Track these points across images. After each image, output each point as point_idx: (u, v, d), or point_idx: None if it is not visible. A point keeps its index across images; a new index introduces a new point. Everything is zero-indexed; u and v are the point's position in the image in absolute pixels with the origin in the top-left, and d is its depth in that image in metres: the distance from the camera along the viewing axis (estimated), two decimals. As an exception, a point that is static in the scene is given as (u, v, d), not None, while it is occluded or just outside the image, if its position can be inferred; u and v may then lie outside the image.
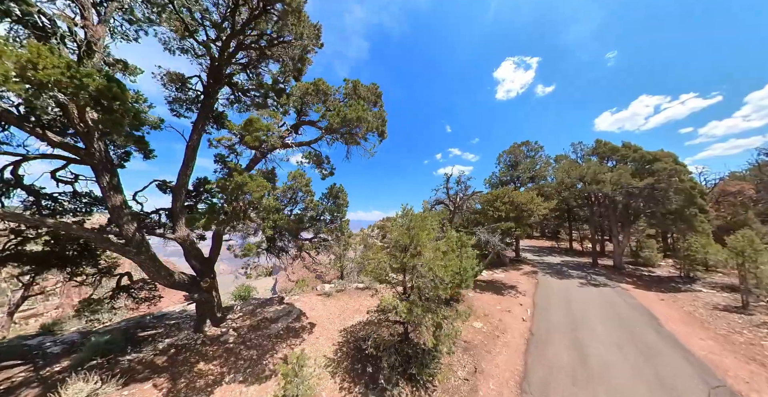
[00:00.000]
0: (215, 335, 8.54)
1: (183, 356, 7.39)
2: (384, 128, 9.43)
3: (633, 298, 12.51)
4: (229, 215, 6.53)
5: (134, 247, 6.46)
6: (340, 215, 10.41)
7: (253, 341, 8.40)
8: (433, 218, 7.91)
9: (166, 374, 6.60)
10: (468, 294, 14.17)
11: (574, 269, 18.21)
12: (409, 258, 7.23)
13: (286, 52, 8.43)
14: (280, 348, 8.10)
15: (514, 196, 15.51)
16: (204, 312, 8.87)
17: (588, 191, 17.66)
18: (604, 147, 18.18)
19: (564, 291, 13.94)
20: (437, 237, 9.21)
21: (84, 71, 4.09)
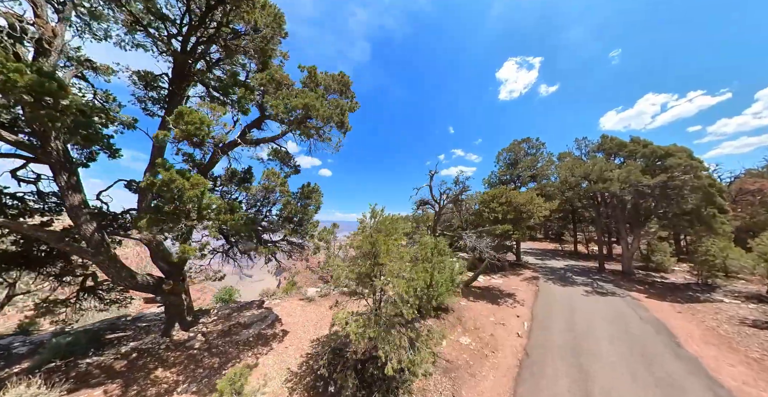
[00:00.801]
0: (182, 340, 8.23)
1: (143, 361, 7.11)
2: (343, 118, 8.41)
3: (646, 310, 11.13)
4: (168, 215, 6.01)
5: (92, 247, 6.31)
6: (307, 217, 9.39)
7: (219, 347, 8.02)
8: (405, 222, 6.82)
9: (121, 379, 6.36)
10: (459, 303, 12.94)
11: (579, 275, 16.81)
12: (368, 268, 6.19)
13: (251, 44, 7.82)
14: (245, 357, 7.60)
15: (511, 197, 14.21)
16: (173, 315, 8.55)
17: (594, 190, 16.28)
18: (610, 143, 16.78)
19: (567, 300, 12.60)
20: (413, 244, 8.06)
21: (12, 66, 4.02)
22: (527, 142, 19.35)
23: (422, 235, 8.38)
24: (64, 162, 6.09)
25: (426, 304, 6.87)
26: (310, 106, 7.38)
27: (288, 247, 10.61)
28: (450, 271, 8.09)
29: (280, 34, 8.44)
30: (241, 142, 9.29)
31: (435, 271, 7.17)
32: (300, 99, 7.28)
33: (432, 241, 8.02)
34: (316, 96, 7.65)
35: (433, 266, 7.25)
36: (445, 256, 8.36)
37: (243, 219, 7.77)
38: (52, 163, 5.98)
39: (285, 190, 10.20)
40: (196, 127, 5.90)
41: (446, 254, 8.36)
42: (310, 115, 7.65)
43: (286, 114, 7.52)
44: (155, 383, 6.34)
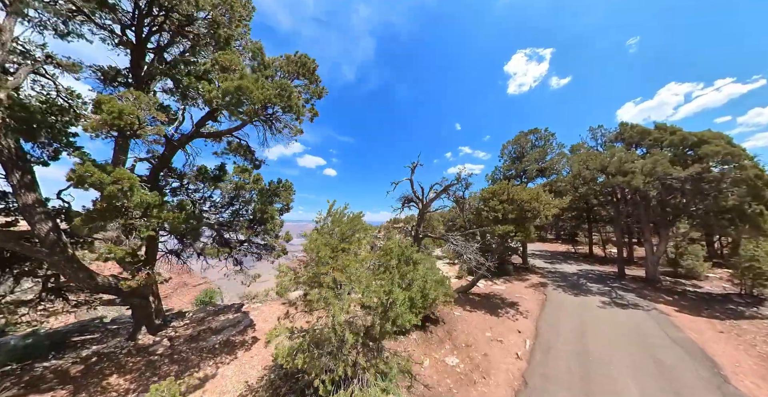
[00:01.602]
0: (146, 345, 8.02)
1: (101, 366, 6.94)
2: (290, 102, 7.28)
3: (677, 328, 9.20)
4: (98, 213, 5.75)
5: (47, 247, 6.19)
6: (268, 216, 8.22)
7: (182, 354, 7.73)
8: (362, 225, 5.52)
9: (72, 385, 6.21)
10: (453, 313, 11.40)
11: (595, 282, 14.80)
12: (310, 277, 5.32)
13: (204, 30, 7.36)
14: (205, 366, 7.27)
15: (513, 193, 12.48)
16: (140, 319, 8.36)
17: (612, 185, 14.24)
18: (631, 131, 14.67)
19: (579, 313, 10.79)
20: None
21: None
22: (535, 133, 17.40)
23: (389, 238, 6.94)
24: (15, 160, 5.91)
25: (379, 327, 5.46)
26: (243, 89, 6.33)
27: (255, 248, 9.78)
28: (424, 283, 6.63)
29: (238, 17, 7.55)
30: (196, 136, 8.33)
31: (395, 286, 5.71)
32: (231, 82, 6.29)
33: (397, 246, 6.57)
34: (255, 78, 6.76)
35: (393, 280, 5.80)
36: (417, 265, 6.88)
37: (183, 217, 6.82)
38: (3, 162, 5.80)
39: (258, 187, 9.26)
40: (115, 116, 5.32)
41: (418, 261, 6.89)
42: (244, 99, 6.51)
43: (220, 99, 6.47)
44: (105, 391, 6.14)
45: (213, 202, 9.55)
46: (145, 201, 6.07)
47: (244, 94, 6.32)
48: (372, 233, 8.44)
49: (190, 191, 9.22)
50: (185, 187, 9.09)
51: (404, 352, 8.99)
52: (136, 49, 7.22)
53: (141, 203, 5.98)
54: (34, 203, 6.13)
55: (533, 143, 17.44)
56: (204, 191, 9.43)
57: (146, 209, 6.18)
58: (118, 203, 5.64)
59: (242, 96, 6.37)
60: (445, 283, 10.53)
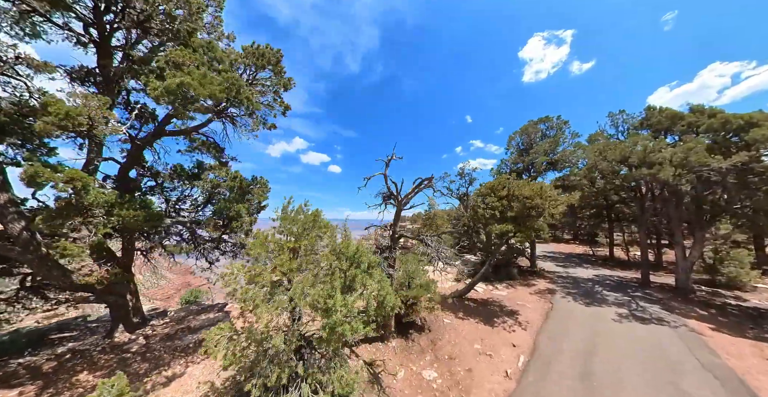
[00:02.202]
0: (121, 343, 8.07)
1: (73, 362, 7.01)
2: (242, 97, 6.68)
3: (711, 352, 7.53)
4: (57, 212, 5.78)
5: (20, 246, 6.24)
6: (234, 214, 7.67)
7: (155, 352, 7.70)
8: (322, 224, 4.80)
9: (42, 381, 6.30)
10: (443, 320, 10.31)
11: (613, 289, 12.98)
12: (250, 277, 4.78)
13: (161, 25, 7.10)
14: (176, 364, 7.20)
15: (514, 188, 11.08)
16: (117, 317, 8.39)
17: (635, 179, 12.35)
18: (659, 115, 12.61)
19: (590, 327, 9.30)
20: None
21: None
22: (545, 121, 15.56)
23: (346, 236, 6.02)
24: (-14, 161, 5.78)
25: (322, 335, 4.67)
26: (185, 85, 5.83)
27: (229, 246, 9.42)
28: (379, 289, 5.64)
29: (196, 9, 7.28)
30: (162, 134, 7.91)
31: (337, 291, 4.82)
32: (173, 79, 5.92)
33: (354, 246, 5.63)
34: (201, 74, 6.30)
35: (334, 285, 4.93)
36: (374, 267, 5.91)
37: (142, 216, 6.49)
38: (-26, 162, 5.75)
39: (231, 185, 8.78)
40: (61, 118, 5.23)
41: (374, 265, 5.92)
42: (189, 96, 5.96)
43: (166, 96, 5.96)
44: (73, 386, 6.23)
45: (194, 200, 9.21)
46: (101, 200, 5.99)
47: (190, 90, 5.85)
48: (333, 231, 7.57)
49: (166, 190, 8.87)
50: (161, 185, 8.76)
51: (378, 361, 8.12)
52: (100, 47, 7.08)
53: (97, 201, 5.90)
54: (6, 202, 6.18)
55: (543, 133, 15.61)
56: (183, 190, 9.11)
57: (110, 208, 6.18)
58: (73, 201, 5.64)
59: (187, 93, 5.84)
60: (430, 287, 9.45)
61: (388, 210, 9.66)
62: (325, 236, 6.49)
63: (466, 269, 15.87)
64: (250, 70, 7.81)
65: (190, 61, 6.53)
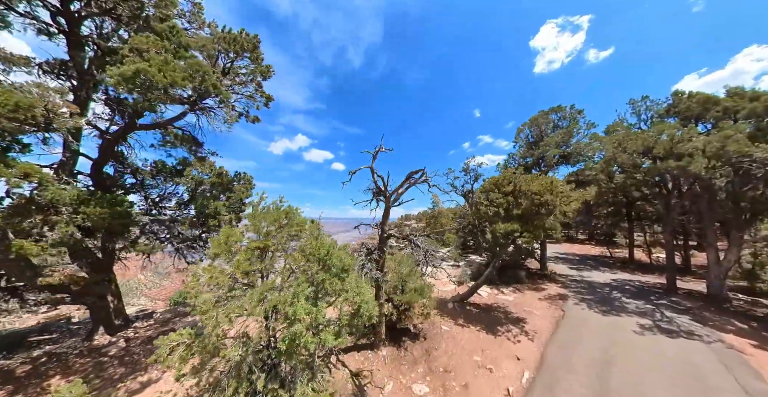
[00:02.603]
0: (100, 345, 7.81)
1: (48, 366, 6.78)
2: (208, 84, 5.99)
3: (754, 374, 6.34)
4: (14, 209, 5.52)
5: None
6: (211, 211, 7.15)
7: (134, 356, 7.47)
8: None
9: (13, 385, 6.09)
10: (441, 327, 9.50)
11: (634, 296, 11.69)
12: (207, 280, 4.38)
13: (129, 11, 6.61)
14: (153, 369, 6.89)
15: (521, 183, 10.08)
16: (98, 319, 8.14)
17: (661, 172, 11.02)
18: (688, 101, 11.18)
19: (606, 339, 8.23)
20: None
21: None
22: (557, 111, 14.25)
23: (316, 236, 5.29)
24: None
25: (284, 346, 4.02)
26: (143, 72, 5.31)
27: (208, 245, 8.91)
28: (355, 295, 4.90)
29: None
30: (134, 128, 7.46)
31: (300, 298, 4.15)
32: (130, 65, 5.43)
33: (326, 245, 4.89)
34: (162, 60, 5.81)
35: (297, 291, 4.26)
36: (348, 271, 5.16)
37: (108, 213, 6.06)
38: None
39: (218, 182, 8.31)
40: (10, 109, 4.88)
41: (349, 268, 5.17)
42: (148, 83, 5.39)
43: (124, 84, 5.43)
44: (44, 392, 6.05)
45: (179, 198, 8.79)
46: (65, 196, 5.70)
47: (148, 77, 5.28)
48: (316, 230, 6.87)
49: (148, 187, 8.46)
50: (142, 183, 8.35)
51: (366, 371, 7.43)
52: (70, 37, 6.72)
53: (58, 198, 5.61)
54: (-38, 200, 5.77)
55: (555, 124, 14.32)
56: (166, 187, 8.69)
57: (78, 205, 5.87)
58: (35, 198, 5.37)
59: (146, 80, 5.30)
60: (425, 291, 8.63)
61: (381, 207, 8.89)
62: (304, 235, 5.82)
63: (470, 271, 14.90)
64: (223, 57, 7.19)
65: (152, 47, 5.98)
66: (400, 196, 7.50)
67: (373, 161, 7.32)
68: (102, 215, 6.19)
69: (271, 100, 8.56)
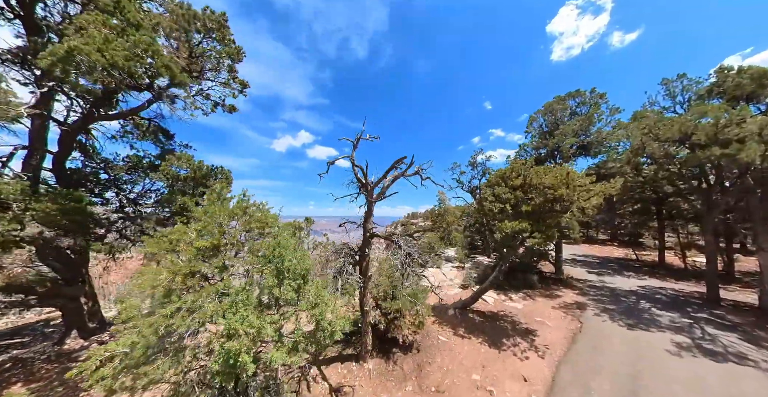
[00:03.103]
0: (70, 350, 7.48)
1: (12, 372, 6.43)
2: (158, 65, 5.20)
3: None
4: None
5: None
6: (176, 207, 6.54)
7: None
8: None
9: None
10: (438, 337, 8.51)
11: (666, 307, 10.11)
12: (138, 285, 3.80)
13: None
14: None
15: (531, 176, 8.84)
16: (71, 322, 7.82)
17: (702, 162, 9.40)
18: (738, 77, 9.41)
19: (633, 359, 6.92)
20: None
21: None
22: (575, 96, 12.64)
23: (275, 234, 4.43)
24: None
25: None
26: (77, 50, 4.71)
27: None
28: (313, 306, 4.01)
29: None
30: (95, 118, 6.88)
31: (248, 308, 3.34)
32: (62, 44, 4.71)
33: (279, 245, 4.04)
34: (103, 38, 5.04)
35: (244, 300, 3.42)
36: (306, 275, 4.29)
37: (56, 210, 5.52)
38: None
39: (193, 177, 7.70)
40: None
41: (307, 271, 4.30)
42: (84, 64, 4.69)
43: (58, 66, 4.78)
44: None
45: (160, 194, 8.26)
46: (7, 192, 5.22)
47: (83, 58, 4.57)
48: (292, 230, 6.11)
49: (121, 183, 7.96)
50: (115, 178, 7.84)
51: (347, 386, 6.59)
52: (25, 21, 6.21)
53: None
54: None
55: (573, 111, 12.76)
56: (145, 183, 8.17)
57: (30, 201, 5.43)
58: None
59: (83, 61, 4.61)
60: (419, 297, 7.64)
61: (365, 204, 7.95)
62: (269, 234, 4.99)
63: (475, 273, 13.69)
64: (184, 37, 6.44)
65: (92, 24, 5.29)
66: (386, 189, 6.52)
67: (354, 150, 6.37)
68: (50, 211, 5.65)
69: (246, 86, 7.80)
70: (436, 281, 14.81)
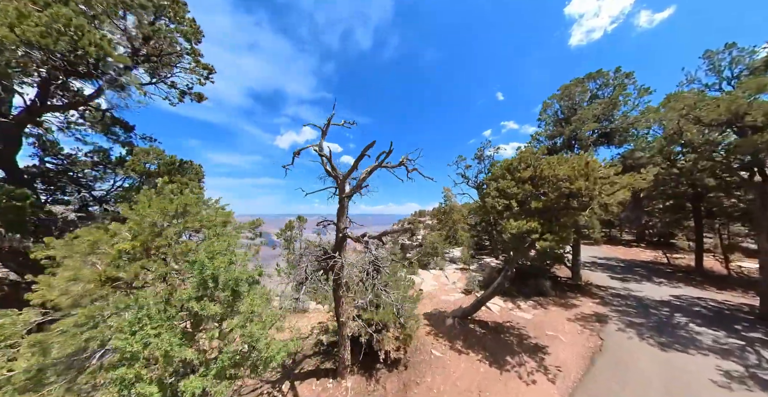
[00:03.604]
0: None
1: None
2: (84, 42, 4.48)
3: None
4: None
5: None
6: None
7: None
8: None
9: None
10: (432, 352, 7.51)
11: (709, 323, 8.49)
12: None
13: None
14: None
15: (543, 167, 7.58)
16: None
17: (757, 149, 7.73)
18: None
19: (667, 390, 5.58)
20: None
21: None
22: (596, 77, 10.94)
23: (217, 233, 3.52)
24: None
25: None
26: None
27: None
28: (244, 323, 3.09)
29: None
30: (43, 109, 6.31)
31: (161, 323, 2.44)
32: None
33: (218, 247, 3.16)
34: (17, 12, 4.23)
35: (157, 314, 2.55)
36: (240, 288, 3.36)
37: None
38: None
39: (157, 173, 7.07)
40: None
41: (240, 283, 3.36)
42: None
43: None
44: None
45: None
46: None
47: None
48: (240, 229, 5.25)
49: (88, 180, 7.44)
50: (76, 175, 7.33)
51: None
52: None
53: None
54: None
55: (594, 94, 11.11)
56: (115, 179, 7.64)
57: None
58: None
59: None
60: (406, 307, 6.62)
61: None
62: (216, 235, 4.14)
63: (481, 277, 12.45)
64: (132, 15, 5.68)
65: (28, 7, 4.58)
66: (362, 182, 5.51)
67: (323, 137, 5.40)
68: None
69: (212, 71, 7.03)
70: (437, 284, 13.70)
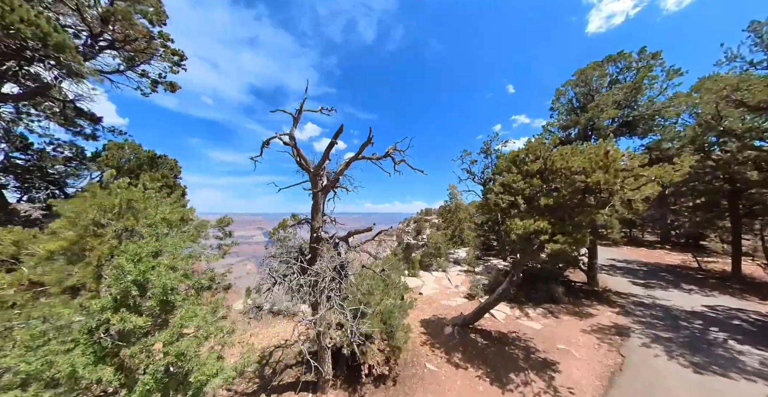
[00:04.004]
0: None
1: None
2: (12, 19, 3.77)
3: None
4: None
5: None
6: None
7: None
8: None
9: None
10: (425, 365, 6.78)
11: (752, 340, 7.25)
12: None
13: None
14: None
15: (554, 158, 6.68)
16: None
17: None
18: None
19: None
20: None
21: None
22: (617, 60, 9.66)
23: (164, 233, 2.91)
24: None
25: None
26: None
27: None
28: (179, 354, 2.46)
29: None
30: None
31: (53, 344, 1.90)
32: None
33: (146, 249, 2.56)
34: None
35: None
36: (174, 302, 2.73)
37: None
38: None
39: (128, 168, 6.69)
40: None
41: (175, 296, 2.71)
42: None
43: None
44: None
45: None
46: None
47: None
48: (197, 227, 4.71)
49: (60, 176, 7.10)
50: (45, 170, 6.99)
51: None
52: None
53: None
54: None
55: (614, 79, 9.89)
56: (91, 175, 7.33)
57: None
58: None
59: None
60: (393, 315, 5.94)
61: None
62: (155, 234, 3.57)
63: (486, 280, 11.54)
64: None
65: None
66: (339, 175, 4.81)
67: (295, 124, 4.73)
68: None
69: (183, 58, 6.50)
70: (438, 287, 12.88)
